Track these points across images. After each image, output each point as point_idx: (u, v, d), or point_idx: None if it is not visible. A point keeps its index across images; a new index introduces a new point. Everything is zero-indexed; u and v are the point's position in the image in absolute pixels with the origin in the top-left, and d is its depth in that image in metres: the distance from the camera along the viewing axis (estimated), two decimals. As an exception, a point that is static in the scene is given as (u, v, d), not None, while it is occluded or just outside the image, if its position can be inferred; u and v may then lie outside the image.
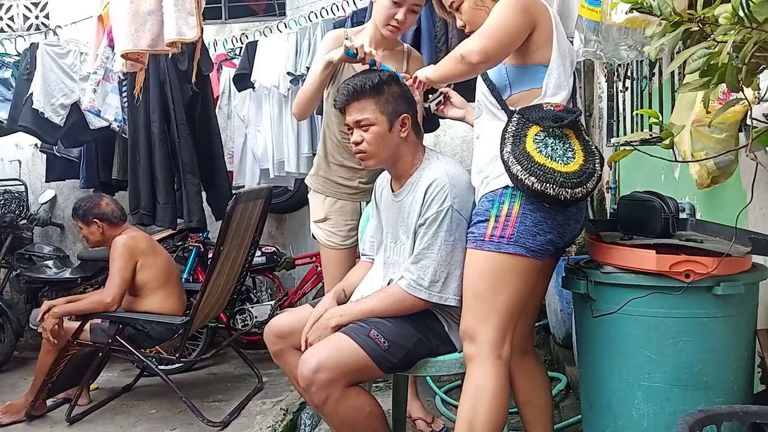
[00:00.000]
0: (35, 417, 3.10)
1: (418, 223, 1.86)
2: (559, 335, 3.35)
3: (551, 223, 1.69)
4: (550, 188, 1.62)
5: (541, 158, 1.65)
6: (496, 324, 1.70)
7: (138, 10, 2.78)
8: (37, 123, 3.85)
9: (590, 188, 1.67)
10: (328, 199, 2.46)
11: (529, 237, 1.68)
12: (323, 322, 1.90)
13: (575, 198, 1.65)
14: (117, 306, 2.98)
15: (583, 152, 1.69)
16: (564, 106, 1.71)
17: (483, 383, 1.69)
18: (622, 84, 3.15)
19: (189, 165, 3.28)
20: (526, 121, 1.69)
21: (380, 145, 1.89)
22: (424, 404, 2.79)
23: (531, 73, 1.73)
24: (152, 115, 3.30)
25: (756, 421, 1.39)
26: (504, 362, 1.72)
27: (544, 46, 1.71)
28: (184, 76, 3.33)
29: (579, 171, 1.66)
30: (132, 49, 2.82)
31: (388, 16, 2.26)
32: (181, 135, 3.28)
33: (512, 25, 1.66)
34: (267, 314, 3.93)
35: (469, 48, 1.67)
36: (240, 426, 2.92)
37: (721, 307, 1.64)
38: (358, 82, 1.89)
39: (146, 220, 3.40)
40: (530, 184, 1.63)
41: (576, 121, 1.71)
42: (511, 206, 1.68)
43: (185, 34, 2.76)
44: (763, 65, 1.05)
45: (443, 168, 1.87)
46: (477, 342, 1.71)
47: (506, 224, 1.68)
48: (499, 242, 1.68)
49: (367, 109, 1.87)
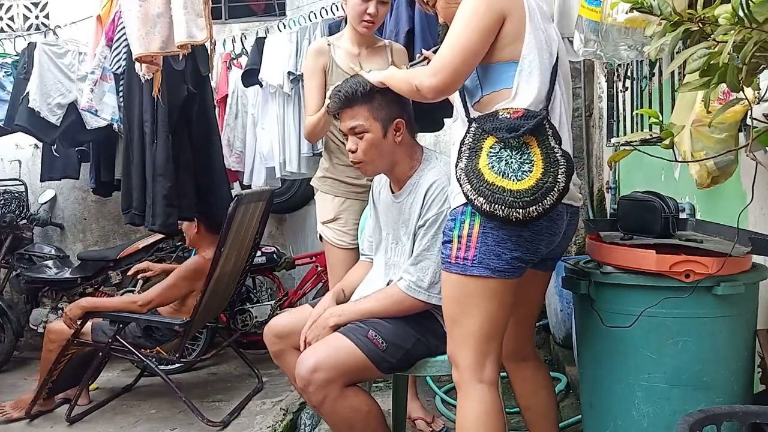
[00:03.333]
0: (37, 415, 3.11)
1: (418, 225, 1.86)
2: (559, 335, 3.35)
3: (517, 240, 1.56)
4: (499, 209, 1.50)
5: (492, 176, 1.52)
6: (473, 347, 1.62)
7: (147, 13, 2.79)
8: (33, 122, 3.84)
9: (548, 205, 1.52)
10: (337, 198, 2.47)
11: (493, 257, 1.56)
12: (322, 321, 1.90)
13: (530, 217, 1.51)
14: (145, 311, 2.99)
15: (543, 163, 1.53)
16: (524, 110, 1.54)
17: (467, 411, 1.64)
18: (622, 84, 3.15)
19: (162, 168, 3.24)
20: (482, 132, 1.56)
21: (375, 152, 1.88)
22: (424, 404, 2.79)
23: (500, 72, 1.59)
24: (145, 115, 3.29)
25: (756, 421, 1.39)
26: (488, 385, 1.64)
27: (515, 41, 1.57)
28: (180, 76, 3.32)
29: (534, 187, 1.51)
30: (144, 53, 2.83)
31: (360, 13, 2.34)
32: (160, 136, 3.25)
33: (472, 40, 1.54)
34: (267, 314, 3.93)
35: (424, 83, 1.59)
36: (240, 426, 2.92)
37: (721, 307, 1.64)
38: (349, 88, 1.86)
39: (137, 220, 3.39)
40: (479, 204, 1.52)
41: (538, 126, 1.53)
42: (471, 225, 1.57)
43: (195, 36, 2.77)
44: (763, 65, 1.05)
45: (443, 169, 1.87)
46: (459, 368, 1.65)
47: (468, 245, 1.57)
48: (464, 264, 1.58)
49: (359, 115, 1.86)
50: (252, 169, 4.10)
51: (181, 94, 3.35)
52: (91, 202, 4.90)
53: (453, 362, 1.67)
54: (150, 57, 2.91)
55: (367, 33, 2.42)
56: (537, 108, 1.57)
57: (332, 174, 2.47)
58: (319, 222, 2.53)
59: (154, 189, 3.28)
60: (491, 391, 1.64)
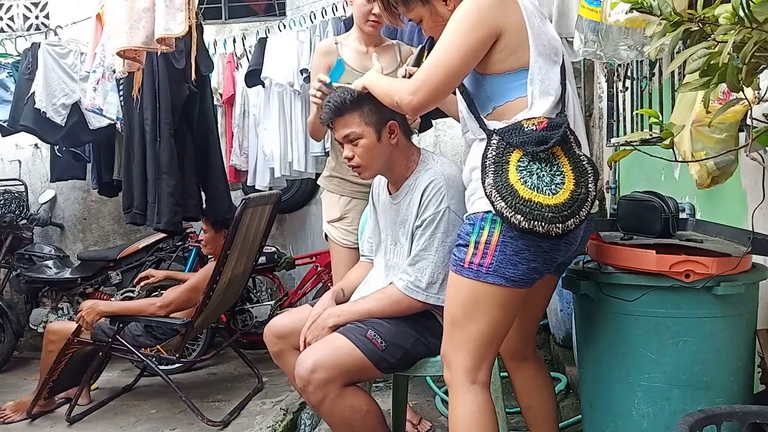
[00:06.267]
0: (39, 415, 3.11)
1: (415, 225, 1.86)
2: (559, 335, 3.35)
3: (535, 251, 1.54)
4: (539, 226, 1.47)
5: (526, 191, 1.48)
6: (471, 351, 1.61)
7: (133, 7, 2.80)
8: (38, 123, 3.85)
9: (584, 216, 1.51)
10: (344, 198, 2.48)
11: (510, 266, 1.54)
12: (321, 321, 1.90)
13: (568, 230, 1.49)
14: (164, 315, 2.97)
15: (574, 174, 1.51)
16: (548, 120, 1.52)
17: (459, 411, 1.63)
18: (622, 84, 3.15)
19: (166, 166, 3.25)
20: (507, 145, 1.52)
21: (372, 156, 1.88)
22: (419, 404, 2.78)
23: (511, 81, 1.56)
24: (145, 113, 3.29)
25: (756, 421, 1.39)
26: (480, 386, 1.62)
27: (518, 50, 1.54)
28: (181, 75, 3.32)
29: (570, 200, 1.49)
30: (126, 46, 2.83)
31: (365, 13, 2.37)
32: (163, 135, 3.25)
33: (456, 58, 1.52)
34: (267, 314, 3.93)
35: (404, 100, 1.59)
36: (240, 426, 2.92)
37: (721, 307, 1.64)
38: (338, 98, 1.86)
39: (139, 219, 3.39)
40: (517, 222, 1.47)
41: (564, 136, 1.51)
42: (491, 233, 1.54)
43: (172, 30, 2.77)
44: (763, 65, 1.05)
45: (439, 169, 1.87)
46: (452, 368, 1.64)
47: (485, 252, 1.54)
48: (478, 270, 1.55)
49: (352, 122, 1.86)
50: (255, 169, 4.11)
51: (183, 93, 3.35)
52: (91, 202, 4.90)
53: (446, 362, 1.66)
54: (133, 53, 2.90)
55: (374, 32, 2.44)
56: (554, 114, 1.55)
57: (339, 173, 2.48)
58: (325, 221, 2.54)
59: (158, 187, 3.28)
60: (483, 392, 1.63)
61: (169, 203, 3.25)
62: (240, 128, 4.14)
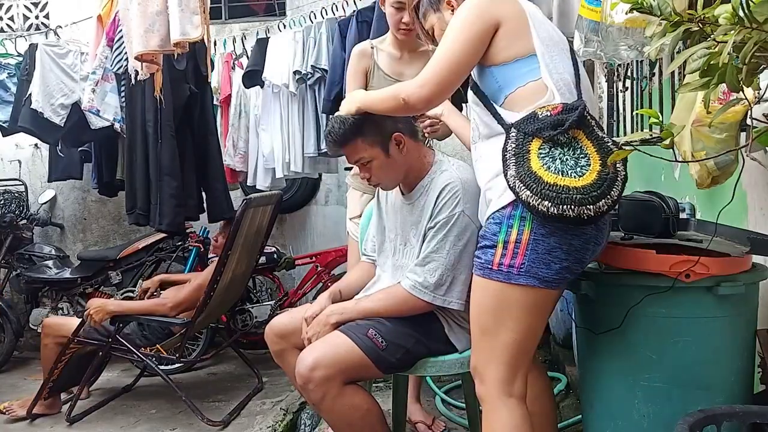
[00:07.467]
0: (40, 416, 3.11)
1: (428, 226, 1.86)
2: (559, 335, 3.35)
3: (567, 249, 1.49)
4: (569, 210, 1.40)
5: (551, 176, 1.42)
6: (506, 361, 1.54)
7: (146, 12, 2.82)
8: (36, 123, 3.85)
9: (615, 197, 1.44)
10: (365, 195, 2.50)
11: (542, 266, 1.48)
12: (323, 318, 1.90)
13: (600, 212, 1.43)
14: (174, 315, 2.97)
15: (599, 155, 1.45)
16: (563, 105, 1.48)
17: (496, 427, 1.56)
18: (622, 84, 3.15)
19: (168, 167, 3.26)
20: (524, 136, 1.48)
21: (387, 172, 1.90)
22: (425, 405, 2.78)
23: (520, 67, 1.54)
24: (147, 114, 3.29)
25: (756, 421, 1.39)
26: (517, 399, 1.56)
27: (522, 36, 1.54)
28: (182, 76, 3.32)
29: (598, 180, 1.43)
30: (143, 51, 2.85)
31: (396, 21, 2.41)
32: (164, 136, 3.26)
33: (461, 51, 1.54)
34: (267, 314, 3.92)
35: (413, 95, 1.58)
36: (240, 426, 2.92)
37: (721, 307, 1.64)
38: (335, 132, 1.85)
39: (142, 220, 3.40)
40: (545, 209, 1.41)
41: (581, 117, 1.46)
42: (521, 231, 1.48)
43: (189, 34, 2.79)
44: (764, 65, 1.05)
45: (456, 173, 1.87)
46: (486, 382, 1.57)
47: (516, 252, 1.48)
48: (508, 272, 1.49)
49: (357, 149, 1.87)
50: (255, 170, 4.11)
51: (184, 94, 3.36)
52: (91, 202, 4.89)
53: (478, 375, 1.59)
54: (150, 55, 2.92)
55: (407, 39, 2.46)
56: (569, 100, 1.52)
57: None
58: (348, 218, 2.58)
59: (160, 189, 3.29)
60: (520, 406, 1.57)
61: (171, 205, 3.26)
62: (236, 128, 4.14)
